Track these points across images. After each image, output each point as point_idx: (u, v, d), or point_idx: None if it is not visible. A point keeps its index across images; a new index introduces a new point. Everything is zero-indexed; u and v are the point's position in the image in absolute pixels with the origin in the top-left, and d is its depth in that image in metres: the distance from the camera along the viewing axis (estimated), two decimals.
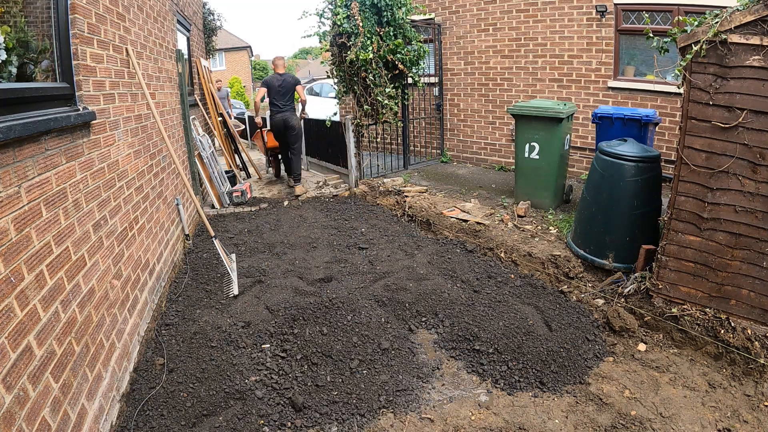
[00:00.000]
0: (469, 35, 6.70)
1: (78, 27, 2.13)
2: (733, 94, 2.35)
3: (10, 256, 1.43)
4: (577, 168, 5.88)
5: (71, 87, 2.09)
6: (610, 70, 5.52)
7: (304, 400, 2.22)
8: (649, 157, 3.13)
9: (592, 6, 5.45)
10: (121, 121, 2.68)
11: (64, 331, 1.71)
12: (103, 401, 1.96)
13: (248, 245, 4.25)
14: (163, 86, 3.92)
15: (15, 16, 1.80)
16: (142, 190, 2.98)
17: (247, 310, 2.99)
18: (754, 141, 2.33)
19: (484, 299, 3.10)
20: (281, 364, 2.48)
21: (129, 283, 2.51)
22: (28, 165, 1.60)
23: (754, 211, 2.39)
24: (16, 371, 1.37)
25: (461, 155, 7.22)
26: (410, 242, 4.19)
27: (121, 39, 2.80)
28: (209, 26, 8.15)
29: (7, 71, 1.68)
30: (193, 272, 3.66)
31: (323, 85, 11.90)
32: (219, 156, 6.73)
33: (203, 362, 2.50)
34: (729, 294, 2.54)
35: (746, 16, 2.22)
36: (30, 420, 1.41)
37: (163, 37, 4.14)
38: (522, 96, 6.32)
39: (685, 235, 2.64)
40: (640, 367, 2.46)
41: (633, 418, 2.10)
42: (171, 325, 2.89)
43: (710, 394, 2.26)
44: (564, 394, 2.28)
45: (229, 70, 30.96)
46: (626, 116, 4.09)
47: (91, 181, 2.16)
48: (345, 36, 5.16)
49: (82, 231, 1.99)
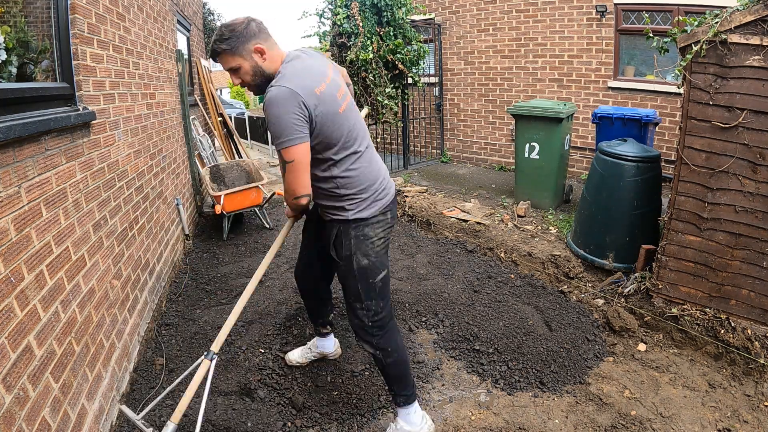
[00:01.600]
0: (469, 35, 6.70)
1: (78, 27, 2.13)
2: (733, 94, 2.35)
3: (10, 256, 1.43)
4: (577, 168, 5.88)
5: (71, 87, 2.08)
6: (610, 70, 5.52)
7: (304, 400, 2.22)
8: (649, 157, 3.13)
9: (592, 6, 5.45)
10: (121, 121, 2.68)
11: (64, 331, 1.71)
12: (103, 401, 1.96)
13: (248, 245, 4.25)
14: (163, 86, 3.92)
15: (15, 16, 1.80)
16: (142, 190, 2.98)
17: (247, 310, 2.99)
18: (754, 141, 2.33)
19: (484, 299, 3.10)
20: (281, 364, 2.48)
21: (129, 283, 2.51)
22: (28, 165, 1.60)
23: (754, 211, 2.39)
24: (16, 371, 1.37)
25: (461, 155, 7.22)
26: (410, 242, 4.19)
27: (121, 39, 2.80)
28: (209, 26, 8.15)
29: (7, 71, 1.68)
30: (193, 272, 3.66)
31: None
32: (219, 156, 6.73)
33: None
34: (729, 294, 2.54)
35: (746, 16, 2.22)
36: (30, 420, 1.41)
37: (163, 37, 4.14)
38: (522, 96, 6.32)
39: (685, 235, 2.64)
40: (640, 367, 2.46)
41: (633, 418, 2.10)
42: (171, 325, 2.89)
43: (710, 394, 2.26)
44: (564, 394, 2.27)
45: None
46: (626, 116, 4.09)
47: (91, 181, 2.16)
48: (345, 36, 5.16)
49: (82, 231, 1.99)
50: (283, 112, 1.52)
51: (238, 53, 1.64)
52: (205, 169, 4.85)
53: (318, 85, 1.60)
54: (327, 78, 1.66)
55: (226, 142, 6.64)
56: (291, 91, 1.52)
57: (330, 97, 1.63)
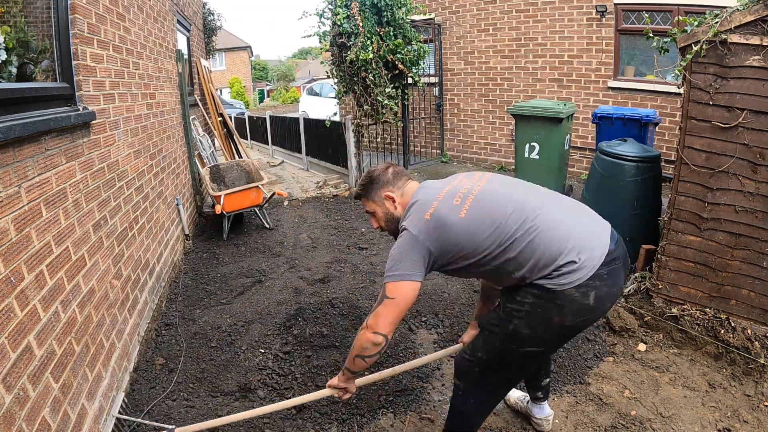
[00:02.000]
0: (469, 35, 6.71)
1: (78, 27, 2.13)
2: (733, 94, 2.35)
3: (10, 256, 1.43)
4: (577, 168, 5.88)
5: (71, 87, 2.08)
6: (610, 70, 5.52)
7: None
8: (649, 157, 3.13)
9: (592, 6, 5.46)
10: (121, 121, 2.68)
11: (64, 331, 1.71)
12: (103, 401, 1.96)
13: (248, 245, 4.25)
14: (163, 86, 3.92)
15: (15, 16, 1.80)
16: (142, 190, 2.98)
17: (247, 310, 2.99)
18: (754, 141, 2.33)
19: None
20: (281, 364, 2.48)
21: (129, 283, 2.51)
22: (28, 165, 1.60)
23: (754, 211, 2.39)
24: (16, 371, 1.37)
25: (461, 155, 7.22)
26: None
27: (121, 39, 2.80)
28: (209, 26, 8.15)
29: (7, 71, 1.68)
30: (193, 272, 3.66)
31: (323, 85, 11.92)
32: (219, 156, 6.73)
33: (203, 362, 2.51)
34: (729, 294, 2.54)
35: (746, 16, 2.22)
36: (30, 420, 1.41)
37: (163, 37, 4.14)
38: (522, 96, 6.32)
39: (685, 235, 2.64)
40: (640, 367, 2.46)
41: (633, 418, 2.10)
42: (171, 325, 2.89)
43: (710, 394, 2.26)
44: (564, 394, 2.27)
45: (229, 70, 30.96)
46: (626, 116, 4.09)
47: (91, 181, 2.16)
48: (345, 36, 5.16)
49: (82, 231, 1.99)
50: (397, 252, 1.46)
51: (371, 199, 1.65)
52: (205, 169, 4.85)
53: (427, 209, 1.47)
54: (440, 194, 1.51)
55: (226, 142, 6.65)
56: (407, 231, 1.46)
57: (442, 211, 1.46)
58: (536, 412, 2.03)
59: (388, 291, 1.44)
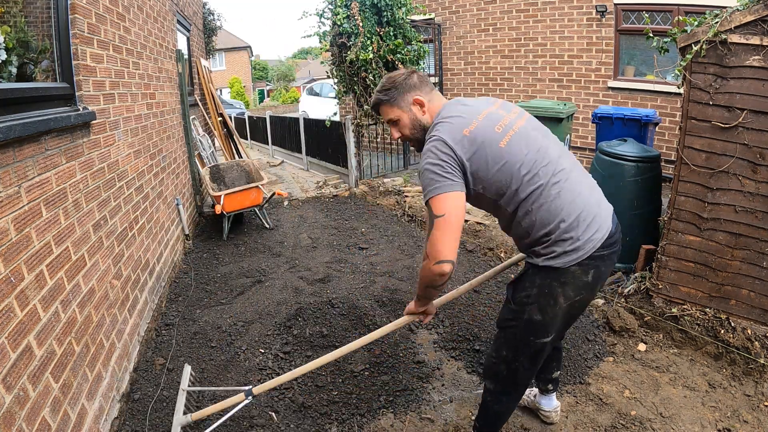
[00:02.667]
0: (469, 35, 6.71)
1: (78, 27, 2.13)
2: (733, 94, 2.35)
3: (10, 256, 1.43)
4: None
5: (71, 87, 2.08)
6: (610, 70, 5.52)
7: (304, 400, 2.22)
8: (649, 157, 3.13)
9: (592, 6, 5.46)
10: (121, 121, 2.68)
11: (64, 331, 1.71)
12: (103, 401, 1.96)
13: (248, 245, 4.25)
14: (163, 86, 3.92)
15: (15, 16, 1.80)
16: (142, 190, 2.98)
17: (247, 311, 2.99)
18: (754, 141, 2.33)
19: (484, 299, 3.10)
20: (282, 364, 2.48)
21: (129, 283, 2.51)
22: (28, 165, 1.60)
23: (754, 211, 2.39)
24: (16, 371, 1.37)
25: None
26: (410, 242, 4.19)
27: (121, 39, 2.80)
28: (209, 26, 8.15)
29: (7, 71, 1.68)
30: (194, 272, 3.66)
31: (323, 85, 11.91)
32: (219, 156, 6.73)
33: (203, 362, 2.50)
34: (729, 294, 2.54)
35: (746, 16, 2.22)
36: (30, 420, 1.41)
37: (163, 37, 4.14)
38: (522, 96, 6.32)
39: (685, 235, 2.64)
40: (640, 367, 2.46)
41: (633, 418, 2.10)
42: (171, 325, 2.89)
43: (710, 394, 2.26)
44: (564, 393, 2.27)
45: (229, 70, 30.96)
46: (626, 116, 4.09)
47: (91, 181, 2.16)
48: (345, 36, 5.16)
49: (82, 231, 1.99)
50: (429, 163, 1.42)
51: (396, 105, 1.58)
52: (205, 169, 4.85)
53: (467, 125, 1.44)
54: (480, 115, 1.48)
55: (226, 142, 6.65)
56: (439, 139, 1.42)
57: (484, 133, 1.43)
58: (545, 404, 2.06)
59: (435, 208, 1.38)
